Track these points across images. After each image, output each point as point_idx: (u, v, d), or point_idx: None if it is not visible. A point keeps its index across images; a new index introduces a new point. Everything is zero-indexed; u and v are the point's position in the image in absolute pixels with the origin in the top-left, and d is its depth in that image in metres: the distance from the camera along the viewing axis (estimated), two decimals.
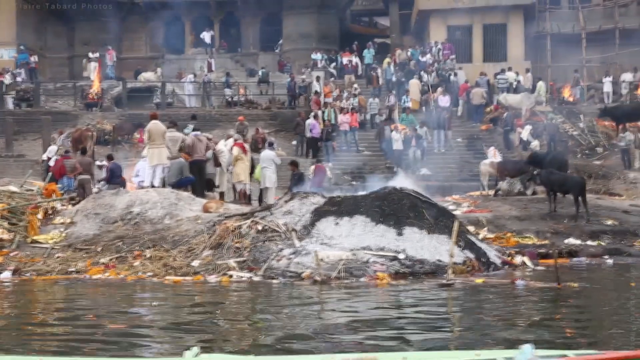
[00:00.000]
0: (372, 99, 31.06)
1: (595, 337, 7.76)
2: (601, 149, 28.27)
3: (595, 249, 16.93)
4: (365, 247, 13.52)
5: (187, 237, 14.81)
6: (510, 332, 7.88)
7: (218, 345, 7.30)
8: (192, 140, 17.72)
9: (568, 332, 7.89)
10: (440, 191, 25.05)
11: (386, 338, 7.66)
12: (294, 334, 8.02)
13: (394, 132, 27.05)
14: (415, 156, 26.95)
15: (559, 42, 36.69)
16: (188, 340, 7.31)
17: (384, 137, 27.60)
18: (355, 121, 28.90)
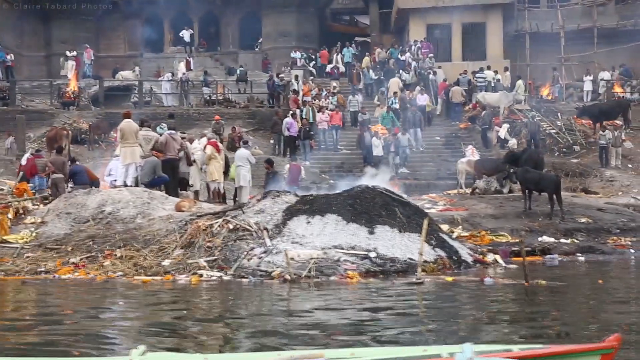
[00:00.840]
0: (352, 96, 30.88)
1: (548, 332, 7.75)
2: (578, 147, 28.35)
3: (569, 246, 17.00)
4: (336, 246, 13.48)
5: (158, 236, 14.68)
6: (468, 328, 7.87)
7: (178, 344, 7.23)
8: (166, 138, 17.58)
9: (524, 328, 7.88)
10: (418, 190, 25.10)
11: (348, 335, 7.62)
12: (254, 332, 7.97)
13: (374, 138, 26.63)
14: (394, 162, 26.53)
15: (538, 40, 36.82)
16: (142, 340, 7.22)
17: (365, 143, 27.10)
18: (339, 120, 28.83)
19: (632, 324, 8.31)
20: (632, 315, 8.92)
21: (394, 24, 39.88)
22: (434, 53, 35.41)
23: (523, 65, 36.81)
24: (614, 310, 9.55)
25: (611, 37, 36.18)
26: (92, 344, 7.32)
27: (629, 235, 17.93)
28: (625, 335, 7.23)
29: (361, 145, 27.43)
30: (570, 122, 29.62)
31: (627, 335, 7.08)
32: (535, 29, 37.10)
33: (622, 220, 18.92)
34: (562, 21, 36.43)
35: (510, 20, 37.51)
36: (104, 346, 7.30)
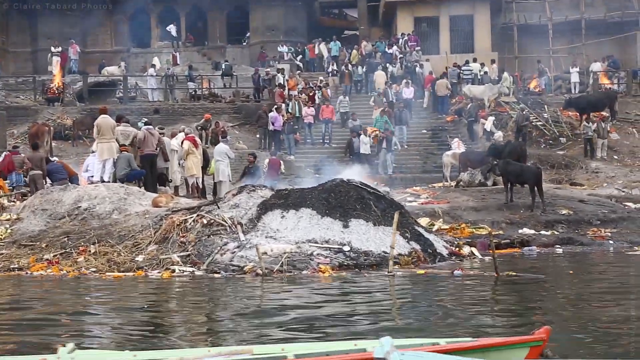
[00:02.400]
0: (343, 96, 30.37)
1: (502, 325, 7.69)
2: (565, 139, 28.30)
3: (548, 238, 16.96)
4: (310, 240, 13.43)
5: (133, 232, 14.61)
6: (422, 321, 7.82)
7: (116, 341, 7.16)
8: (144, 134, 17.48)
9: (480, 320, 7.82)
10: (403, 183, 25.07)
11: (303, 329, 7.55)
12: (205, 327, 7.91)
13: (362, 135, 26.23)
14: (384, 162, 26.13)
15: (526, 33, 36.75)
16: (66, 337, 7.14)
17: (353, 149, 26.53)
18: (331, 113, 28.68)
19: (592, 317, 8.26)
20: (585, 310, 8.84)
21: (382, 17, 39.75)
22: (422, 46, 35.33)
23: (511, 57, 36.73)
24: (574, 302, 9.50)
25: (599, 28, 36.12)
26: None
27: (610, 226, 17.88)
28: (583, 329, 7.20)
29: (350, 150, 26.84)
30: (556, 114, 29.55)
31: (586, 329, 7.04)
32: (523, 21, 37.00)
33: (603, 211, 18.85)
34: (550, 13, 36.33)
35: (498, 12, 37.46)
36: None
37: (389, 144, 26.05)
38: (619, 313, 8.51)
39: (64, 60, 35.12)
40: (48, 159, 19.31)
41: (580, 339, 6.73)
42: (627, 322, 7.81)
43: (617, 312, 8.56)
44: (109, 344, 7.00)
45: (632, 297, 9.68)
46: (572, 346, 6.33)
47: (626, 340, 6.80)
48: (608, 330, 7.30)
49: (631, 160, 26.52)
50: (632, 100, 30.71)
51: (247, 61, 39.19)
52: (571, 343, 6.52)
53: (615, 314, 8.45)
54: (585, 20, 36.29)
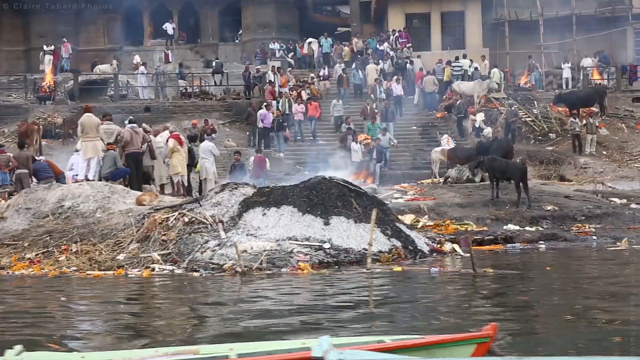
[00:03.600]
0: (337, 100, 30.06)
1: (463, 321, 7.73)
2: (554, 134, 28.34)
3: (532, 234, 16.97)
4: (291, 237, 13.48)
5: (116, 230, 14.64)
6: (388, 318, 7.87)
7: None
8: (129, 132, 17.51)
9: (444, 317, 7.86)
10: (392, 179, 25.12)
11: (270, 326, 7.60)
12: (165, 327, 7.96)
13: (353, 142, 26.07)
14: (375, 169, 25.67)
15: (517, 29, 36.86)
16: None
17: (347, 145, 26.32)
18: (315, 110, 28.66)
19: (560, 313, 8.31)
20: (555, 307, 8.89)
21: (374, 13, 39.82)
22: (413, 42, 35.37)
23: (502, 53, 36.77)
24: (541, 298, 9.55)
25: (590, 24, 36.22)
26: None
27: (594, 222, 17.90)
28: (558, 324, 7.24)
29: (342, 150, 26.49)
30: (546, 110, 29.60)
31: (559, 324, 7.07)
32: (514, 17, 37.06)
33: (588, 207, 18.91)
34: (541, 9, 36.36)
35: (489, 8, 37.51)
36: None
37: (379, 155, 25.76)
38: (581, 309, 8.55)
39: (56, 59, 35.14)
40: (34, 157, 19.34)
41: (533, 335, 6.78)
42: (587, 319, 7.86)
43: (579, 308, 8.57)
44: (76, 345, 7.04)
45: (596, 297, 9.71)
46: (522, 342, 6.37)
47: (582, 337, 6.85)
48: (565, 327, 7.36)
49: (620, 156, 26.57)
50: (621, 96, 30.77)
51: (239, 58, 39.21)
52: (522, 339, 6.56)
53: (575, 310, 8.50)
54: (576, 15, 36.34)
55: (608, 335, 6.82)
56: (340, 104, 29.57)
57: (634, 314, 7.97)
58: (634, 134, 28.43)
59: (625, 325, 7.40)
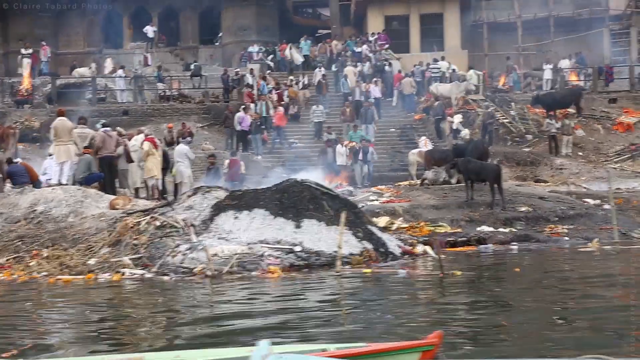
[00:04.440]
0: (316, 106, 29.77)
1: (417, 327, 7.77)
2: (531, 136, 28.51)
3: (505, 235, 17.07)
4: (262, 241, 13.48)
5: (87, 235, 14.60)
6: (336, 324, 7.90)
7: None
8: (102, 136, 17.48)
9: (399, 322, 7.88)
10: (370, 182, 25.17)
11: (230, 332, 7.61)
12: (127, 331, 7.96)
13: (338, 145, 25.98)
14: (362, 171, 25.62)
15: (496, 30, 37.08)
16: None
17: (327, 160, 25.99)
18: (280, 119, 28.50)
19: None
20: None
21: (353, 15, 39.91)
22: (392, 44, 35.49)
23: (481, 55, 36.95)
24: (501, 301, 9.61)
25: (567, 25, 36.54)
26: None
27: (567, 223, 18.04)
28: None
29: (322, 160, 26.16)
30: (523, 111, 29.77)
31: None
32: (492, 19, 37.28)
33: (562, 208, 19.04)
34: (519, 11, 36.59)
35: (467, 10, 37.73)
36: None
37: (365, 156, 25.67)
38: (536, 314, 8.62)
39: (34, 62, 34.96)
40: (11, 160, 19.21)
41: (481, 341, 6.82)
42: (547, 322, 7.93)
43: (532, 313, 8.62)
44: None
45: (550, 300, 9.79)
46: (467, 349, 6.39)
47: (537, 339, 6.91)
48: (521, 330, 7.42)
49: (595, 157, 26.77)
50: (597, 97, 30.99)
51: (219, 61, 39.18)
52: (474, 345, 6.59)
53: (536, 313, 8.57)
54: (554, 17, 36.63)
55: (565, 338, 6.90)
56: (320, 110, 29.35)
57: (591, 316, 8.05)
58: (610, 134, 28.65)
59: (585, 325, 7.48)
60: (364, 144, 25.72)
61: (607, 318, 7.86)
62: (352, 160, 25.79)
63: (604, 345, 6.27)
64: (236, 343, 6.48)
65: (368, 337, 6.33)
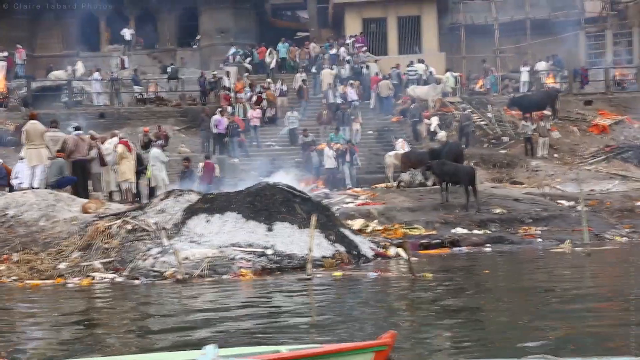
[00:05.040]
0: (291, 112, 29.07)
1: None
2: (507, 138, 28.62)
3: (479, 237, 17.17)
4: (234, 244, 13.47)
5: (59, 239, 14.49)
6: (300, 327, 7.89)
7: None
8: (74, 139, 17.36)
9: (360, 324, 7.88)
10: (342, 184, 25.11)
11: (193, 335, 7.57)
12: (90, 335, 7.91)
13: (326, 148, 25.43)
14: (350, 173, 25.28)
15: (473, 33, 37.16)
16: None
17: (313, 163, 25.60)
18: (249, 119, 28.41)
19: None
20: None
21: (331, 18, 39.88)
22: (370, 47, 35.53)
23: (459, 57, 37.07)
24: (478, 301, 9.65)
25: (543, 28, 36.70)
26: None
27: (541, 224, 18.18)
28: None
29: (307, 166, 25.73)
30: (500, 114, 29.87)
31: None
32: (470, 21, 37.41)
33: (536, 210, 19.18)
34: (496, 13, 36.75)
35: (445, 13, 37.84)
36: None
37: (352, 157, 25.48)
38: (507, 313, 8.66)
39: (10, 65, 34.66)
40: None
41: (436, 341, 6.84)
42: (510, 324, 7.95)
43: (493, 314, 8.66)
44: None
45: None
46: (420, 350, 6.40)
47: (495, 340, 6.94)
48: (482, 330, 7.45)
49: (571, 158, 26.92)
50: (573, 99, 31.16)
51: (197, 64, 38.99)
52: (421, 347, 6.60)
53: (499, 313, 8.61)
54: (531, 20, 36.80)
55: (524, 339, 6.92)
56: (294, 116, 28.90)
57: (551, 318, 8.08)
58: (586, 136, 28.81)
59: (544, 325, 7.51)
60: (350, 145, 25.68)
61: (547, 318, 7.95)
62: (340, 162, 25.57)
63: (548, 346, 6.34)
64: (197, 346, 6.45)
65: (328, 339, 6.33)
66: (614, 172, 25.06)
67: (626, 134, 28.94)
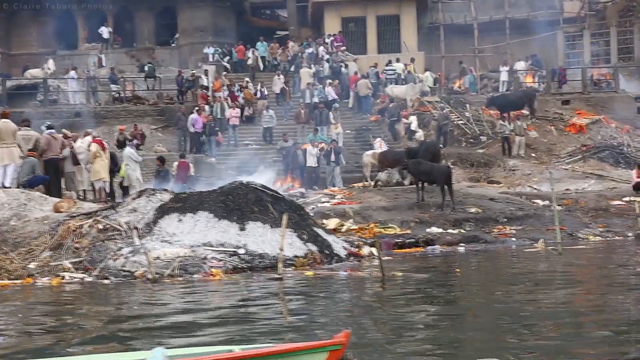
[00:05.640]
0: (266, 111, 28.91)
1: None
2: (485, 137, 28.69)
3: (453, 237, 17.16)
4: (206, 243, 13.38)
5: (29, 238, 14.33)
6: (255, 325, 7.85)
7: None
8: (47, 138, 17.19)
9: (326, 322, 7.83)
10: (324, 183, 25.09)
11: (152, 335, 7.49)
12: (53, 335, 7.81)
13: (309, 146, 25.26)
14: (334, 172, 25.10)
15: (452, 32, 37.18)
16: None
17: (298, 162, 25.35)
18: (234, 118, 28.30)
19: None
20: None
21: (310, 17, 39.81)
22: (349, 46, 35.52)
23: (438, 57, 37.09)
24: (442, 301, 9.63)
25: (523, 28, 36.82)
26: None
27: (515, 224, 18.19)
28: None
29: (293, 165, 25.43)
30: (478, 113, 29.94)
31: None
32: (449, 21, 37.44)
33: (511, 209, 19.20)
34: (475, 13, 36.78)
35: (424, 12, 37.88)
36: None
37: (337, 157, 25.35)
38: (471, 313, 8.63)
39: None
40: None
41: (391, 340, 6.81)
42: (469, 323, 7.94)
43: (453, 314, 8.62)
44: None
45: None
46: (375, 350, 6.37)
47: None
48: (428, 332, 7.44)
49: (548, 158, 27.01)
50: (551, 99, 31.31)
51: (176, 63, 38.78)
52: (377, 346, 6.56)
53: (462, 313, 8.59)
54: (510, 20, 36.87)
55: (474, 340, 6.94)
56: (270, 114, 28.70)
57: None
58: (563, 136, 28.95)
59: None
60: (335, 145, 25.60)
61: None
62: (325, 162, 25.43)
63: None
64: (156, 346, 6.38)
65: (287, 338, 6.29)
66: (590, 171, 25.16)
67: (603, 134, 29.11)
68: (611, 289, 10.00)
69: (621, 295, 9.45)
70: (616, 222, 18.44)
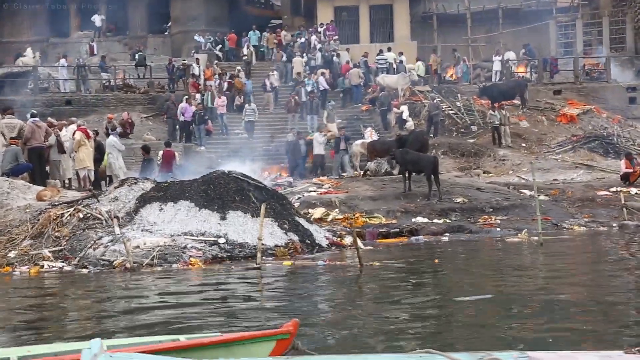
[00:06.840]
0: (248, 104, 28.28)
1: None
2: (476, 127, 28.62)
3: (438, 226, 17.13)
4: (186, 233, 13.36)
5: (10, 227, 14.30)
6: (217, 315, 7.84)
7: None
8: (31, 127, 17.13)
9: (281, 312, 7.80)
10: (313, 173, 25.05)
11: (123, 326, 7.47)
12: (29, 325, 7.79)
13: (316, 134, 25.17)
14: (343, 160, 25.00)
15: (445, 22, 37.09)
16: None
17: (300, 152, 25.26)
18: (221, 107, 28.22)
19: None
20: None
21: (304, 6, 39.66)
22: (342, 35, 35.40)
23: (431, 46, 36.95)
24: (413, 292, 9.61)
25: (515, 17, 36.74)
26: None
27: (501, 213, 18.16)
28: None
29: (295, 154, 25.24)
30: (469, 103, 29.88)
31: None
32: (442, 10, 37.33)
33: (497, 199, 19.17)
34: (468, 2, 36.65)
35: (417, 2, 37.75)
36: None
37: (347, 145, 25.15)
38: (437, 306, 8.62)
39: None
40: None
41: (345, 331, 6.79)
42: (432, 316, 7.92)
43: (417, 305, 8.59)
44: None
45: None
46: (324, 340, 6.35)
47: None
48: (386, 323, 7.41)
49: (538, 148, 26.97)
50: (542, 89, 31.24)
51: (168, 51, 38.65)
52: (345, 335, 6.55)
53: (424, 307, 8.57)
54: (502, 9, 36.73)
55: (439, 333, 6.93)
56: (251, 108, 28.20)
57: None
58: (554, 126, 28.88)
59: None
60: (344, 132, 25.51)
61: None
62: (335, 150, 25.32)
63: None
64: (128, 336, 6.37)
65: (241, 327, 6.26)
66: (580, 161, 25.12)
67: (594, 124, 29.06)
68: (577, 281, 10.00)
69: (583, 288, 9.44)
70: (602, 212, 18.41)
